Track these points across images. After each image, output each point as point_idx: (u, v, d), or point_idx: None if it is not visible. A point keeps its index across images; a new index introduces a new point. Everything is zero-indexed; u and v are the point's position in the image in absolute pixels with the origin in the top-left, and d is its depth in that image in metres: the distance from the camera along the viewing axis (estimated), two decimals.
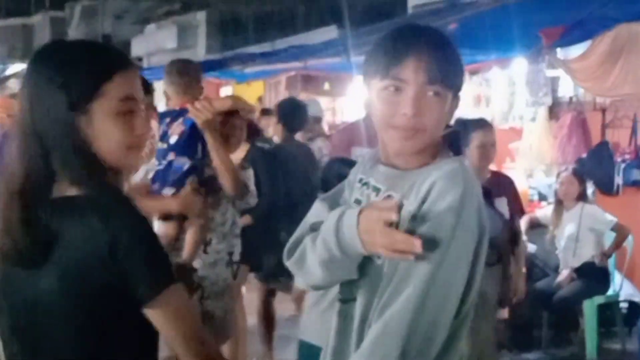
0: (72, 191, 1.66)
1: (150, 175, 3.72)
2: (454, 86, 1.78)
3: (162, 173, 3.82)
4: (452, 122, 1.88)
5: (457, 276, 1.68)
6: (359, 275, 1.81)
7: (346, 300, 1.85)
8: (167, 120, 3.83)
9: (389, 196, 1.80)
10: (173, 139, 3.74)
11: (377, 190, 1.85)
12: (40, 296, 1.66)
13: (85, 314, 1.64)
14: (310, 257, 1.81)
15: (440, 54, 1.74)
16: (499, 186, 4.51)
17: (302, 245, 1.86)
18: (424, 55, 1.72)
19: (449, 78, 1.75)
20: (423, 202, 1.70)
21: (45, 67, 1.68)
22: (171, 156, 3.75)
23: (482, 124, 4.48)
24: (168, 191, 3.72)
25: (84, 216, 1.62)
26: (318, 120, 7.98)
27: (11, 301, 1.73)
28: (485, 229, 1.72)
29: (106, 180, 1.69)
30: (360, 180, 1.92)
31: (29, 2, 29.07)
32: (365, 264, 1.80)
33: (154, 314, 1.64)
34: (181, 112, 3.84)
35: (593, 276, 5.88)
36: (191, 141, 3.87)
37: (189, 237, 3.83)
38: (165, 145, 3.72)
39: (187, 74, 3.95)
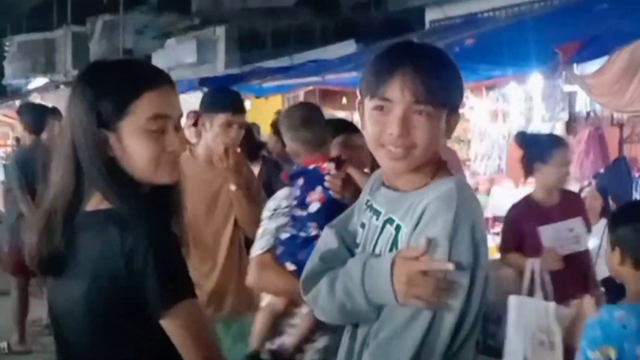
0: (103, 205, 1.72)
1: (282, 235, 3.03)
2: (448, 104, 1.74)
3: (296, 243, 3.03)
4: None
5: (454, 300, 1.65)
6: None
7: (356, 324, 1.86)
8: (301, 182, 3.11)
9: (388, 219, 1.79)
10: (314, 207, 3.07)
11: (377, 213, 1.85)
12: (66, 303, 1.74)
13: (104, 323, 1.70)
14: (328, 301, 1.80)
15: (429, 72, 1.70)
16: (571, 205, 4.28)
17: (317, 287, 1.84)
18: (410, 74, 1.68)
19: (439, 96, 1.71)
20: (417, 224, 1.68)
21: (81, 86, 1.76)
22: (313, 229, 3.01)
23: (562, 142, 4.27)
24: (291, 266, 3.02)
25: (104, 229, 1.68)
26: None
27: (51, 306, 1.84)
28: (480, 252, 1.68)
29: (138, 195, 1.74)
30: (367, 202, 1.92)
31: (51, 17, 29.38)
32: None
33: (167, 328, 1.68)
34: (318, 176, 3.11)
35: (613, 291, 5.85)
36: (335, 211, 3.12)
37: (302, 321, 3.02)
38: (304, 213, 3.04)
39: (316, 123, 3.18)
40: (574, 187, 6.87)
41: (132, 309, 1.67)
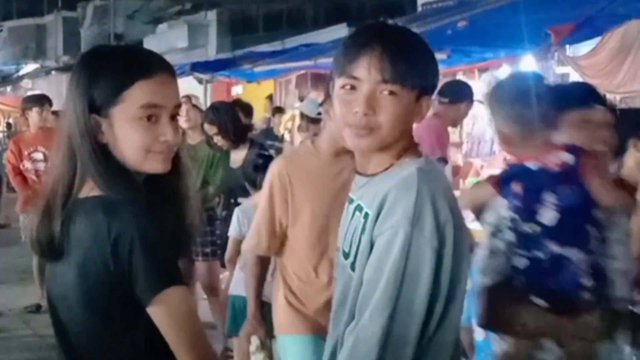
0: (95, 192, 1.72)
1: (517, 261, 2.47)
2: (417, 85, 1.72)
3: (541, 269, 2.43)
4: None
5: (419, 286, 1.65)
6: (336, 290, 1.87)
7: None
8: (518, 187, 2.46)
9: (357, 206, 1.80)
10: (548, 218, 2.41)
11: (351, 200, 1.86)
12: (61, 289, 1.75)
13: (96, 309, 1.69)
14: None
15: (397, 53, 1.69)
16: None
17: None
18: (378, 53, 1.68)
19: (407, 77, 1.69)
20: (379, 213, 1.68)
21: (77, 72, 1.76)
22: (553, 246, 2.40)
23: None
24: (539, 301, 2.43)
25: (93, 216, 1.67)
26: (313, 120, 8.07)
27: (49, 292, 1.83)
28: (446, 233, 1.68)
29: (129, 183, 1.73)
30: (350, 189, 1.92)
31: (41, 2, 29.20)
32: (341, 280, 1.83)
33: (153, 315, 1.67)
34: (547, 180, 2.43)
35: None
36: (578, 222, 2.45)
37: None
38: (537, 228, 2.41)
39: (537, 96, 2.44)
40: None
41: (121, 295, 1.67)
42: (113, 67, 1.72)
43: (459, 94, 5.49)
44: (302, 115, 6.07)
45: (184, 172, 1.84)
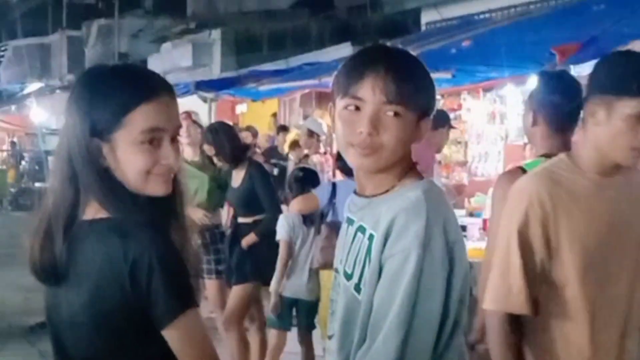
0: (100, 214, 1.70)
1: None
2: (419, 107, 1.76)
3: None
4: None
5: (432, 308, 1.66)
6: (337, 312, 1.85)
7: (330, 336, 1.90)
8: None
9: (359, 227, 1.80)
10: None
11: (351, 222, 1.86)
12: (66, 313, 1.72)
13: (106, 333, 1.68)
14: None
15: (401, 75, 1.72)
16: None
17: None
18: (382, 75, 1.70)
19: (410, 99, 1.72)
20: (387, 235, 1.69)
21: (77, 93, 1.74)
22: None
23: None
24: None
25: (105, 238, 1.66)
26: (316, 138, 8.21)
27: (50, 315, 1.81)
28: (455, 255, 1.69)
29: (134, 204, 1.71)
30: (349, 210, 1.92)
31: (46, 22, 29.33)
32: (343, 301, 1.82)
33: (169, 337, 1.67)
34: None
35: None
36: None
37: None
38: None
39: None
40: None
41: (135, 318, 1.66)
42: (115, 90, 1.70)
43: (440, 120, 5.89)
44: (311, 132, 6.13)
45: (182, 192, 1.83)
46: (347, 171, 4.87)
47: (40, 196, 1.83)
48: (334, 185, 5.08)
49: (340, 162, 5.23)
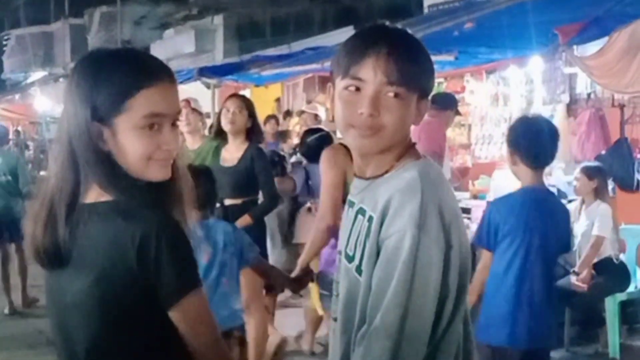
0: (103, 197, 1.71)
1: None
2: (419, 88, 1.75)
3: None
4: None
5: (429, 287, 1.66)
6: (340, 294, 1.86)
7: (334, 319, 1.91)
8: None
9: (359, 210, 1.80)
10: None
11: (352, 204, 1.86)
12: (71, 297, 1.73)
13: (113, 314, 1.69)
14: None
15: (402, 56, 1.71)
16: None
17: None
18: (384, 55, 1.70)
19: (411, 80, 1.72)
20: (383, 216, 1.69)
21: (78, 76, 1.73)
22: None
23: None
24: None
25: (109, 221, 1.67)
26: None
27: (52, 301, 1.81)
28: (452, 235, 1.69)
29: (136, 187, 1.72)
30: (350, 192, 1.93)
31: (48, 10, 29.28)
32: (345, 284, 1.83)
33: (175, 317, 1.68)
34: None
35: (612, 273, 5.85)
36: None
37: None
38: None
39: None
40: (575, 169, 6.87)
41: (140, 300, 1.67)
42: (116, 74, 1.70)
43: (449, 102, 6.70)
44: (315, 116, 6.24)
45: (181, 176, 1.83)
46: (310, 157, 6.11)
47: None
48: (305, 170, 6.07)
49: (303, 148, 6.27)
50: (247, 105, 5.33)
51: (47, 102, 21.23)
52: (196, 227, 2.58)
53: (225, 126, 5.21)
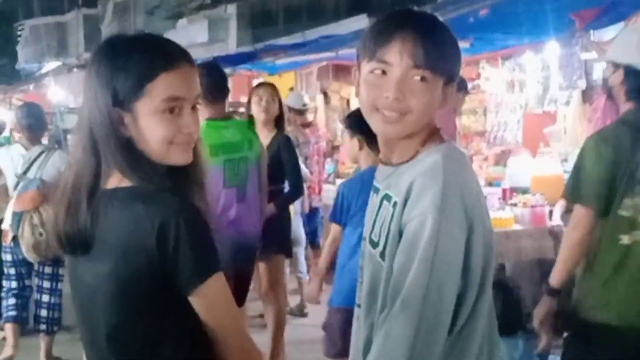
0: (124, 183, 1.72)
1: None
2: (445, 72, 1.75)
3: None
4: None
5: (451, 271, 1.65)
6: (364, 280, 1.86)
7: (358, 305, 1.92)
8: None
9: (385, 196, 1.80)
10: None
11: (377, 190, 1.86)
12: (92, 282, 1.74)
13: (133, 299, 1.70)
14: None
15: (429, 40, 1.71)
16: None
17: None
18: (410, 39, 1.70)
19: (437, 64, 1.72)
20: (406, 201, 1.68)
21: (97, 63, 1.75)
22: None
23: None
24: None
25: (130, 206, 1.68)
26: (298, 112, 8.16)
27: (75, 285, 1.83)
28: (475, 219, 1.68)
29: (157, 173, 1.73)
30: (376, 179, 1.93)
31: (62, 0, 29.35)
32: (369, 269, 1.83)
33: (196, 302, 1.69)
34: None
35: None
36: None
37: None
38: None
39: None
40: None
41: (161, 284, 1.67)
42: (135, 59, 1.71)
43: (459, 83, 6.18)
44: (290, 109, 6.12)
45: (202, 161, 1.84)
46: None
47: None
48: None
49: None
50: (278, 93, 5.34)
51: (61, 92, 21.30)
52: None
53: (259, 115, 5.21)
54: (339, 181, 8.37)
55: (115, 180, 1.73)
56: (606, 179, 3.00)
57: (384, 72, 1.72)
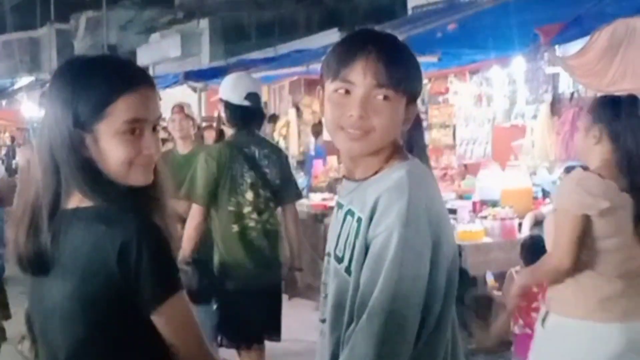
0: (84, 203, 1.73)
1: None
2: (408, 91, 1.77)
3: None
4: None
5: (416, 286, 1.66)
6: (329, 295, 1.87)
7: (322, 320, 1.91)
8: None
9: (348, 211, 1.81)
10: None
11: (340, 206, 1.88)
12: (52, 302, 1.73)
13: (93, 319, 1.69)
14: None
15: (391, 59, 1.73)
16: None
17: None
18: (373, 58, 1.72)
19: (400, 83, 1.73)
20: (372, 216, 1.70)
21: (58, 84, 1.75)
22: None
23: None
24: None
25: (90, 226, 1.68)
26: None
27: (36, 307, 1.82)
28: (440, 234, 1.70)
29: (117, 193, 1.73)
30: (339, 194, 1.94)
31: (34, 15, 29.18)
32: (334, 285, 1.84)
33: (158, 321, 1.69)
34: None
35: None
36: None
37: None
38: None
39: None
40: (559, 168, 6.92)
41: (122, 304, 1.67)
42: (96, 81, 1.71)
43: None
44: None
45: (162, 180, 1.84)
46: None
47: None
48: None
49: None
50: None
51: (34, 108, 21.15)
52: None
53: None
54: (312, 195, 8.40)
55: (75, 200, 1.73)
56: (211, 184, 4.21)
57: (347, 92, 1.74)
